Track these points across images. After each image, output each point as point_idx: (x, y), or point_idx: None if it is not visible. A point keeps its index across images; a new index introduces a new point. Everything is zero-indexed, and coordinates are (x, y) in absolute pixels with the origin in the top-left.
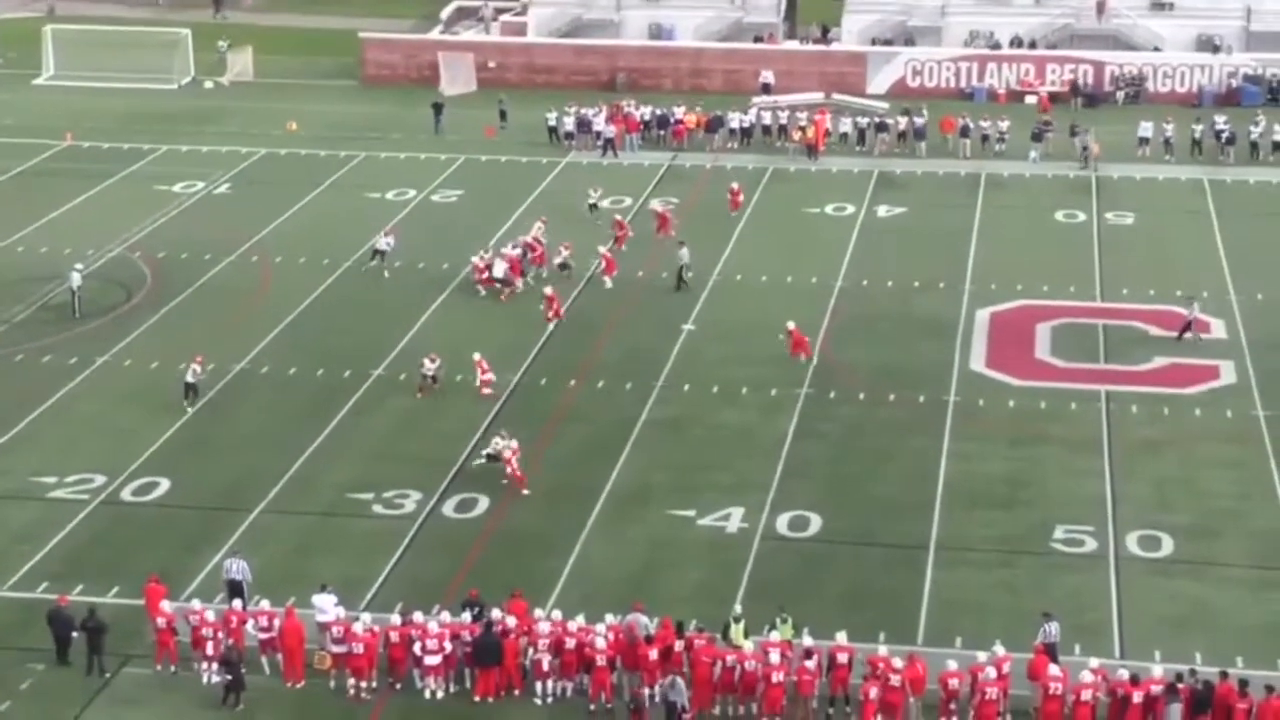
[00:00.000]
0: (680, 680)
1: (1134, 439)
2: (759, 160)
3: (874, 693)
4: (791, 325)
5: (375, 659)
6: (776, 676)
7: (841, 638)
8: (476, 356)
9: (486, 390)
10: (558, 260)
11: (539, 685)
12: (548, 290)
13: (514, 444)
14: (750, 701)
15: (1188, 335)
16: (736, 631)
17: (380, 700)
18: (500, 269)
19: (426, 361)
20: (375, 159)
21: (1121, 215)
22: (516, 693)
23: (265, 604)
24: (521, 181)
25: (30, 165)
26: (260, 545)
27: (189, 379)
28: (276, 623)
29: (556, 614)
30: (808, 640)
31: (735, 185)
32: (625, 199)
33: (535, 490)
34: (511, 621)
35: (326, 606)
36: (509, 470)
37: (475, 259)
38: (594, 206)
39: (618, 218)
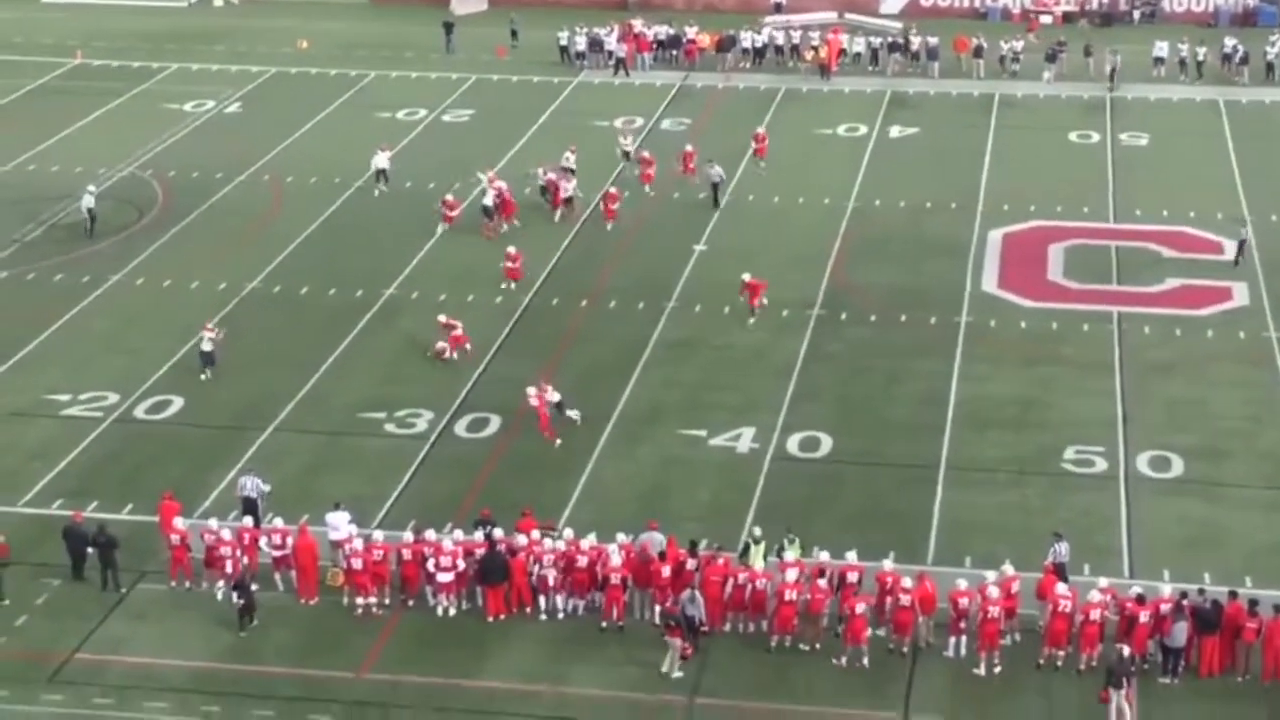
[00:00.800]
0: (699, 595)
1: (1145, 360)
2: (771, 80)
3: (861, 607)
4: (747, 276)
5: (385, 574)
6: (789, 595)
7: (852, 557)
8: (442, 319)
9: (450, 355)
10: (565, 193)
11: (543, 600)
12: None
13: (549, 392)
14: (761, 619)
15: (1241, 258)
16: (756, 553)
17: (393, 616)
18: (490, 198)
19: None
20: (386, 78)
21: (1136, 136)
22: (528, 610)
23: (279, 522)
24: (533, 101)
25: (40, 84)
26: (273, 464)
27: (204, 348)
28: (290, 540)
29: (569, 533)
30: (822, 556)
31: (689, 148)
32: (637, 119)
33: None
34: (523, 540)
35: (340, 523)
36: (540, 419)
37: (449, 196)
38: (627, 154)
39: (645, 154)
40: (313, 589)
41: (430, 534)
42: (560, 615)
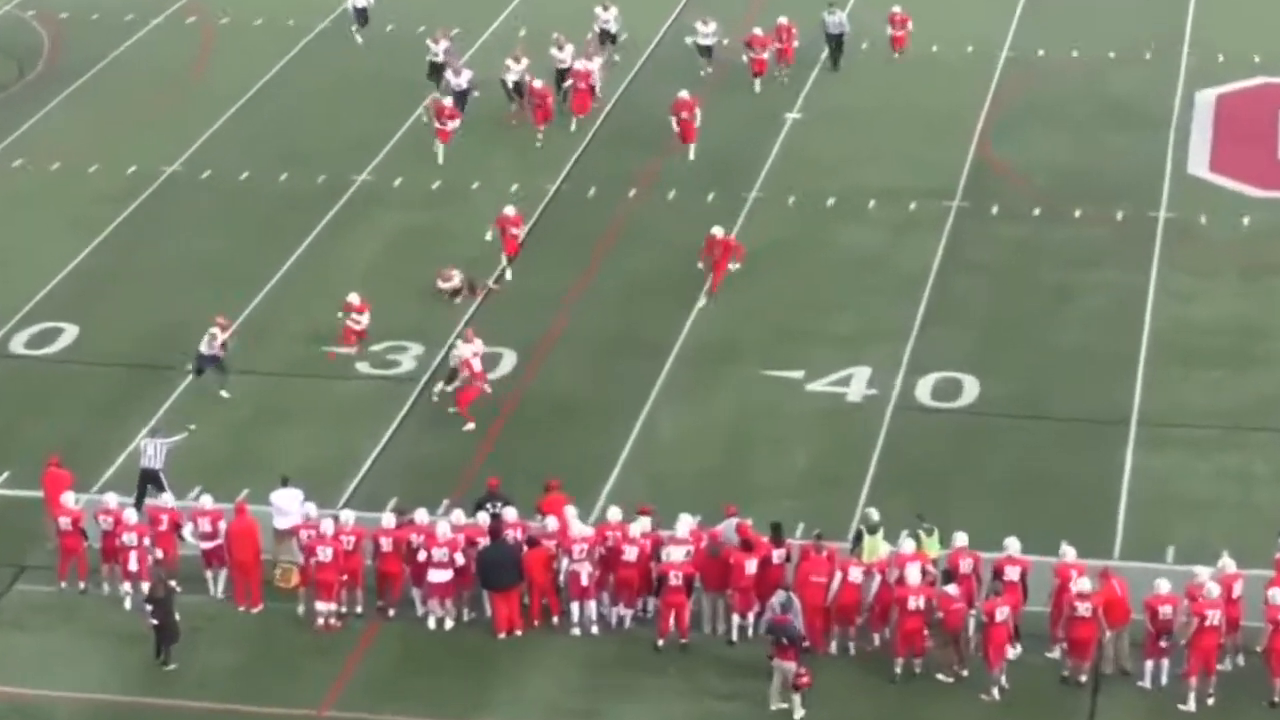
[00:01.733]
0: (795, 599)
1: None
2: None
3: (1003, 613)
4: (718, 232)
5: (357, 572)
6: (914, 602)
7: (1013, 547)
8: (354, 299)
9: (343, 349)
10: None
11: (575, 609)
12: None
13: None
14: (879, 633)
15: None
16: (872, 543)
17: (367, 631)
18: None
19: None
20: None
21: None
22: (555, 621)
23: (207, 501)
24: None
25: None
26: (201, 417)
27: (205, 350)
28: (222, 526)
29: (616, 513)
30: (959, 540)
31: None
32: None
33: (577, 342)
34: (552, 524)
35: (289, 505)
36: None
37: (442, 98)
38: (706, 50)
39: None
40: (255, 592)
41: (420, 515)
42: (595, 629)
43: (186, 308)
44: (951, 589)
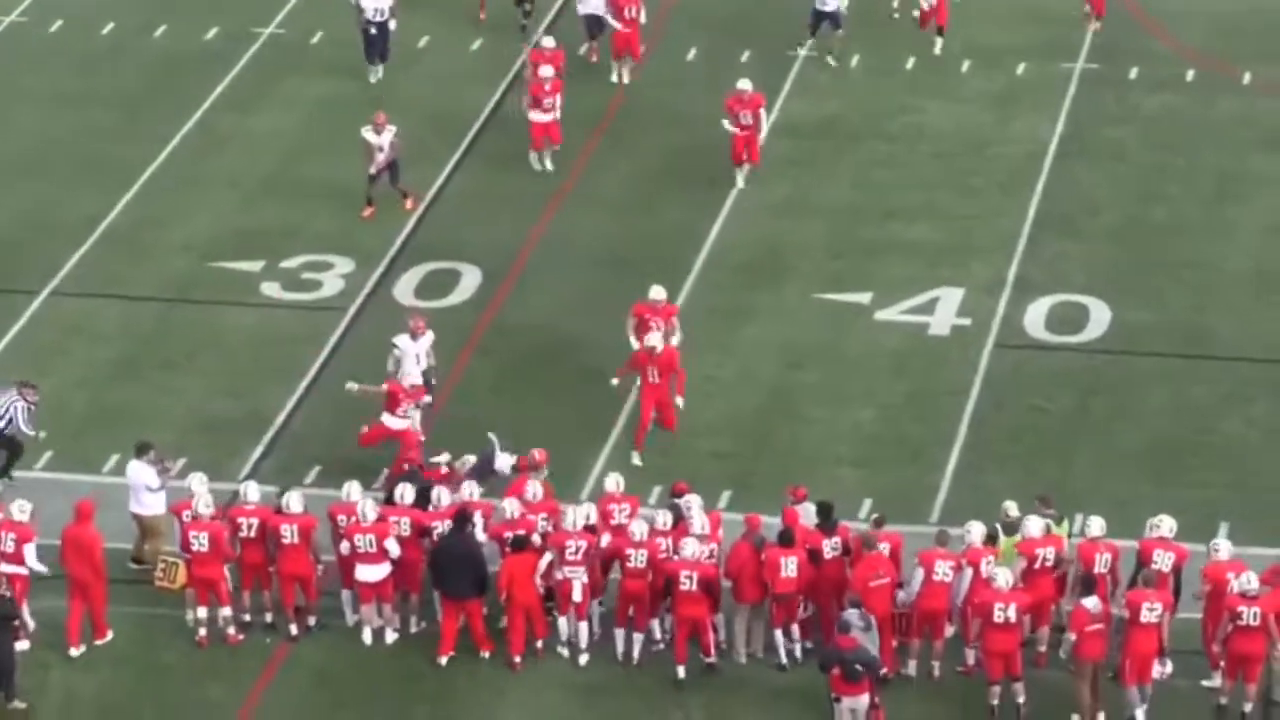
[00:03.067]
0: (861, 613)
1: None
2: None
3: (1153, 610)
4: (660, 294)
5: (260, 567)
6: (1000, 613)
7: (1166, 526)
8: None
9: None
10: None
11: (564, 625)
12: None
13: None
14: (974, 648)
15: None
16: (1009, 548)
17: (277, 651)
18: None
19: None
20: None
21: None
22: (539, 644)
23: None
24: None
25: None
26: (43, 363)
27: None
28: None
29: (616, 483)
30: (1093, 528)
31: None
32: None
33: (562, 256)
34: (512, 507)
35: (141, 478)
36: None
37: None
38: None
39: None
40: (99, 618)
41: (350, 490)
42: (585, 655)
43: (26, 209)
44: (1092, 603)
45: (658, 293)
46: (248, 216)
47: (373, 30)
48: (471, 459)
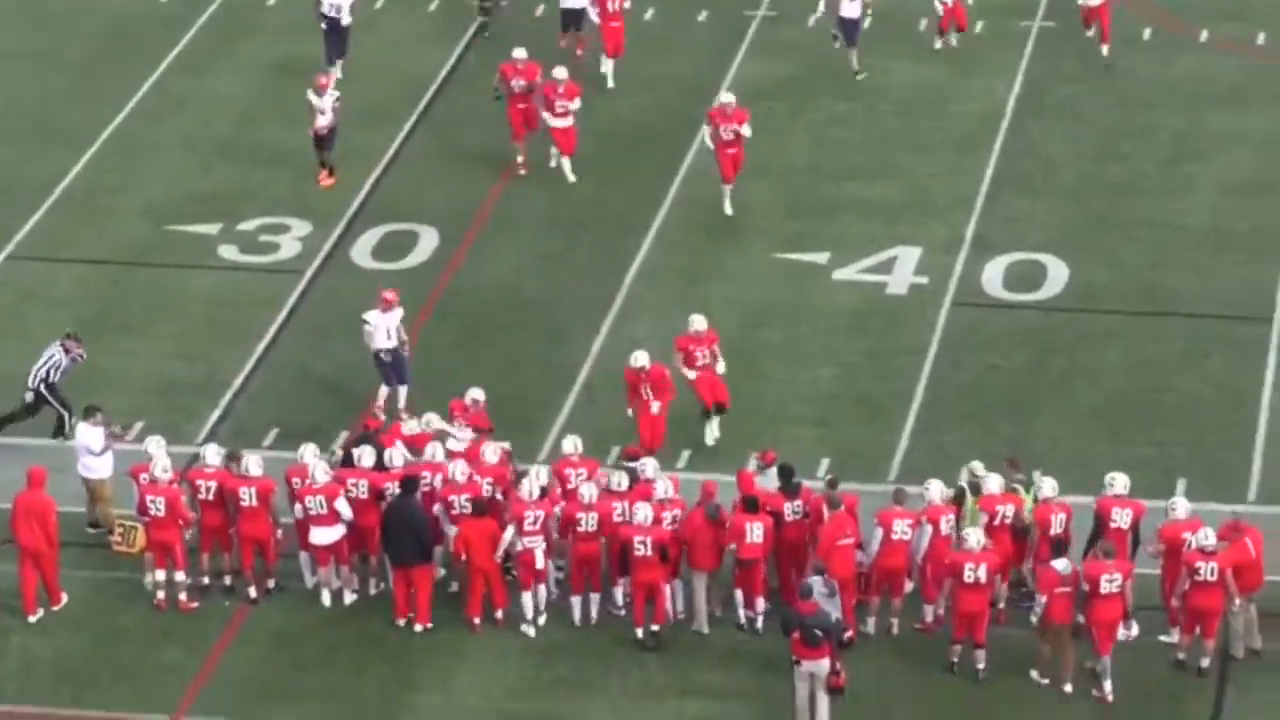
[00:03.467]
0: (825, 579)
1: None
2: None
3: (1113, 580)
4: (642, 361)
5: (217, 528)
6: (971, 573)
7: (1120, 483)
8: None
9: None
10: None
11: (527, 599)
12: None
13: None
14: (934, 605)
15: None
16: (972, 506)
17: (236, 615)
18: None
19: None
20: None
21: None
22: (499, 614)
23: None
24: None
25: None
26: (0, 327)
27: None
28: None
29: (573, 445)
30: (1046, 488)
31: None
32: None
33: (520, 216)
34: (486, 493)
35: (87, 440)
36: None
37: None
38: None
39: None
40: (52, 585)
41: (306, 452)
42: (543, 615)
43: None
44: (1062, 565)
45: (699, 323)
46: (204, 179)
47: (324, 25)
48: (433, 417)
